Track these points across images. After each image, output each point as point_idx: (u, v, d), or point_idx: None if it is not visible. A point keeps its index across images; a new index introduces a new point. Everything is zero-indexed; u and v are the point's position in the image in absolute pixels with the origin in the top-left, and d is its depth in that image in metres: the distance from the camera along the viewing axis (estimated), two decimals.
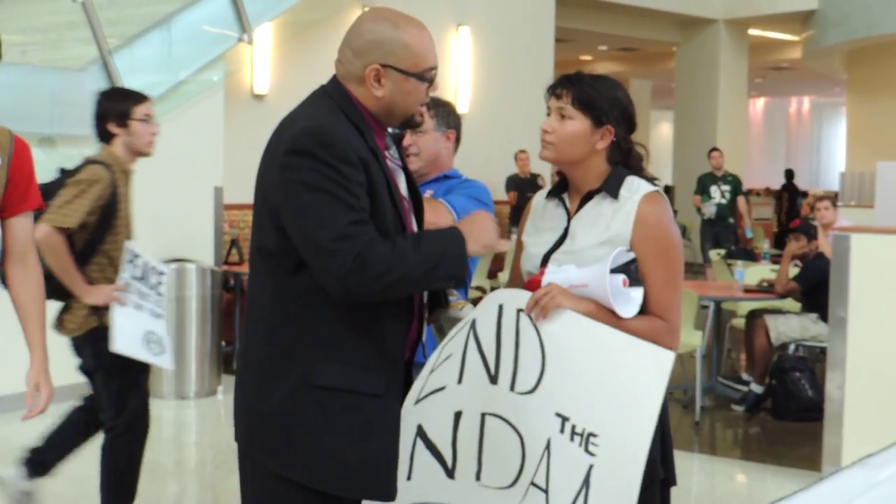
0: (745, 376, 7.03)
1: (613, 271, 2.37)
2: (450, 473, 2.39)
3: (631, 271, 2.40)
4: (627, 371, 2.27)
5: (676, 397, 6.94)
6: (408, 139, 3.21)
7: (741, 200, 12.28)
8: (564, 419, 2.28)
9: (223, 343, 7.20)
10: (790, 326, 6.78)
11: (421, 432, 2.41)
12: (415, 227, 2.49)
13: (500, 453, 2.36)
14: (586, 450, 2.25)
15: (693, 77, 16.80)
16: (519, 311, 2.38)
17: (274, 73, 9.24)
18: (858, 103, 17.69)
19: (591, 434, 2.25)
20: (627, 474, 2.23)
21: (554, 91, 2.58)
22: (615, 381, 2.27)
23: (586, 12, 15.01)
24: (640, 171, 2.61)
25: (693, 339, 6.46)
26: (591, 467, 2.24)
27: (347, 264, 2.19)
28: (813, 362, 7.14)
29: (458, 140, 3.38)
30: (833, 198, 8.89)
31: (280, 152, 2.30)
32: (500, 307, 2.40)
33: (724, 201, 12.15)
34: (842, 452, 5.03)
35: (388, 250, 2.22)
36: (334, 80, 2.43)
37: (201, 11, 7.53)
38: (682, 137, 17.13)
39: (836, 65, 17.88)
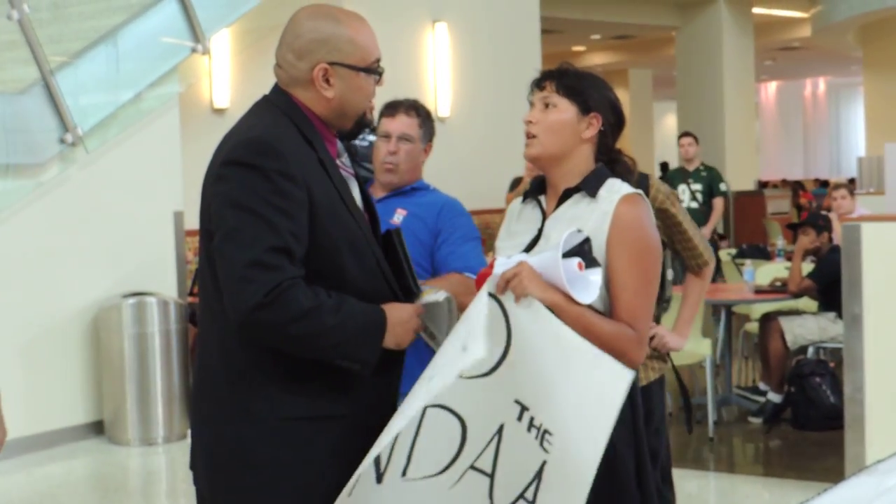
0: (761, 385, 7.05)
1: (567, 255, 2.39)
2: (379, 479, 2.42)
3: (584, 252, 2.43)
4: (586, 381, 2.31)
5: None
6: (392, 145, 3.31)
7: (718, 203, 10.27)
8: (524, 408, 2.33)
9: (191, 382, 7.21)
10: (807, 328, 6.81)
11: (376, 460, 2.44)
12: (375, 239, 2.53)
13: (434, 442, 2.40)
14: (541, 444, 2.31)
15: (696, 63, 16.87)
16: (489, 294, 2.42)
17: (234, 84, 9.27)
18: (876, 82, 17.78)
19: (546, 431, 2.30)
20: (575, 484, 2.28)
21: (538, 84, 2.63)
22: (574, 387, 2.31)
23: None
24: (629, 181, 2.64)
25: (702, 347, 6.49)
26: (544, 463, 2.30)
27: (258, 296, 2.22)
28: (835, 365, 7.17)
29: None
30: (850, 185, 8.92)
31: (217, 164, 2.35)
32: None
33: (695, 204, 10.13)
34: (866, 461, 5.05)
35: (308, 298, 2.26)
36: (276, 88, 2.48)
37: (150, 22, 7.56)
38: (688, 129, 17.14)
39: (850, 41, 17.96)
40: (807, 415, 6.60)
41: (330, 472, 2.37)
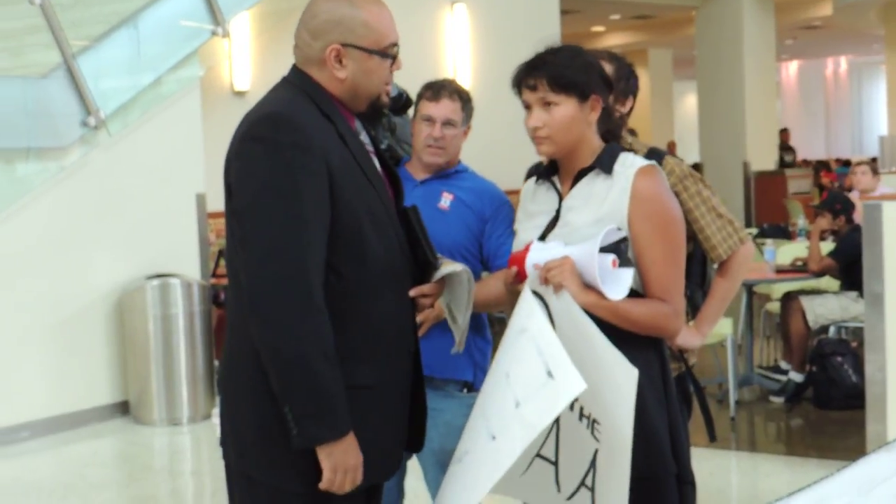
0: (783, 365, 7.05)
1: (603, 250, 2.42)
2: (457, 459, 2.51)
3: (621, 251, 2.46)
4: (609, 375, 2.33)
5: (710, 392, 6.97)
6: (438, 131, 3.31)
7: None
8: (574, 399, 2.35)
9: (216, 362, 7.28)
10: (828, 307, 6.80)
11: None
12: (395, 212, 2.56)
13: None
14: (592, 433, 2.34)
15: (716, 43, 16.77)
16: (533, 292, 2.45)
17: (255, 66, 9.31)
18: None
19: (595, 420, 2.34)
20: (620, 471, 2.31)
21: (526, 84, 2.62)
22: (605, 381, 2.33)
23: None
24: (617, 137, 2.67)
25: (723, 327, 6.49)
26: (596, 451, 2.33)
27: (278, 286, 2.28)
28: (857, 344, 7.16)
29: None
30: (872, 163, 8.88)
31: (237, 140, 2.39)
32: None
33: None
34: (887, 439, 5.05)
35: (328, 332, 2.31)
36: (294, 67, 2.52)
37: (171, 5, 7.59)
38: (708, 109, 17.11)
39: (872, 19, 17.85)
40: (828, 394, 6.60)
41: (360, 442, 2.39)
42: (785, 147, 18.45)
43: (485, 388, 2.51)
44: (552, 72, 2.57)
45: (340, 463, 2.34)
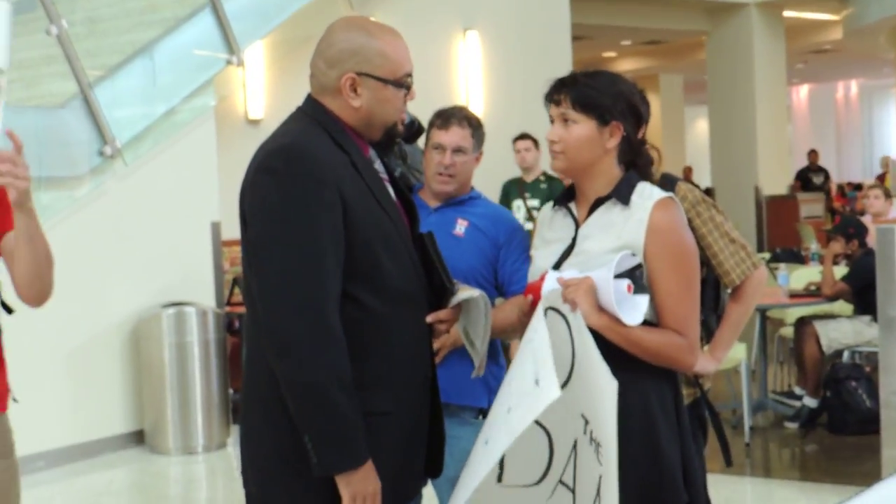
0: (797, 390, 7.03)
1: (618, 276, 2.43)
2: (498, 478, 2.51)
3: (636, 277, 2.47)
4: (602, 392, 2.34)
5: (725, 417, 6.95)
6: (448, 158, 3.33)
7: None
8: (587, 422, 2.36)
9: (231, 391, 7.28)
10: (842, 332, 6.79)
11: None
12: (411, 239, 2.58)
13: (526, 451, 2.45)
14: (597, 457, 2.35)
15: (727, 67, 16.80)
16: (547, 309, 2.47)
17: (268, 95, 9.35)
18: None
19: (598, 443, 2.34)
20: (613, 495, 2.31)
21: (552, 98, 2.65)
22: (601, 399, 2.34)
23: (605, 5, 15.08)
24: (647, 176, 2.67)
25: (737, 352, 6.48)
26: (600, 477, 2.32)
27: (290, 314, 2.30)
28: (870, 369, 7.13)
29: None
30: (884, 186, 8.88)
31: (251, 172, 2.41)
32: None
33: (530, 225, 7.89)
34: None
35: (345, 360, 2.33)
36: (309, 97, 2.54)
37: (186, 35, 7.66)
38: (720, 134, 17.12)
39: (882, 43, 17.84)
40: (843, 419, 6.58)
41: (377, 467, 2.40)
42: (815, 169, 18.38)
43: (496, 398, 2.57)
44: (578, 91, 2.61)
45: (360, 491, 2.35)
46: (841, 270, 7.16)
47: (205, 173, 7.62)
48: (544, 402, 2.30)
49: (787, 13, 17.05)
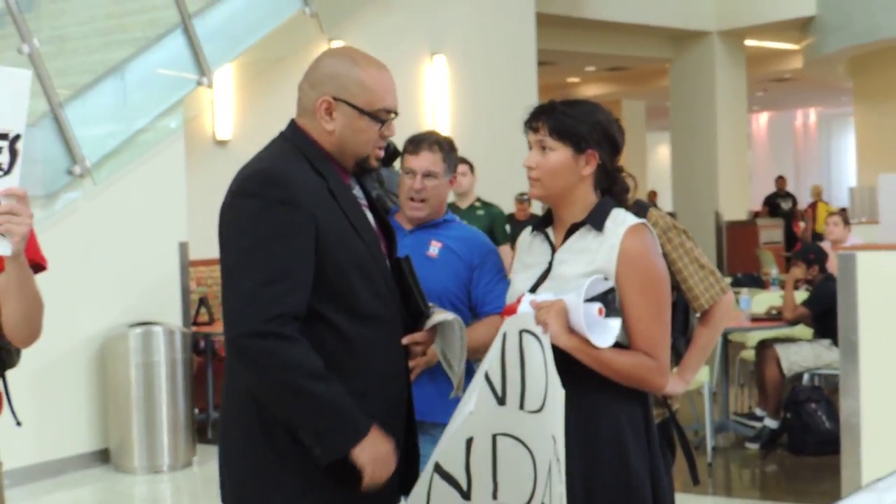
0: (758, 412, 7.14)
1: (591, 300, 2.50)
2: (465, 495, 2.58)
3: (609, 300, 2.53)
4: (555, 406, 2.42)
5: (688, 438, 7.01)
6: (418, 183, 3.39)
7: (503, 253, 6.61)
8: (555, 441, 2.41)
9: (196, 410, 7.28)
10: (802, 355, 6.90)
11: (437, 467, 2.60)
12: (387, 263, 2.62)
13: (514, 472, 2.52)
14: (560, 475, 2.40)
15: (689, 94, 17.03)
16: (522, 331, 2.52)
17: (237, 116, 9.38)
18: (867, 113, 17.94)
19: (557, 459, 2.39)
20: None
21: (530, 125, 2.72)
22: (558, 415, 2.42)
23: (570, 32, 15.24)
24: (622, 202, 2.74)
25: (700, 374, 6.56)
26: (562, 495, 2.38)
27: (252, 323, 2.35)
28: (830, 391, 7.25)
29: None
30: (843, 214, 9.03)
31: (228, 195, 2.48)
32: (504, 335, 2.56)
33: None
34: (862, 484, 5.12)
35: (307, 357, 2.37)
36: (292, 122, 2.60)
37: (156, 55, 7.68)
38: (681, 159, 17.33)
39: (841, 73, 18.14)
40: (803, 440, 6.68)
41: (353, 484, 2.45)
42: (783, 194, 18.58)
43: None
44: (555, 119, 2.67)
45: (372, 455, 2.42)
46: (801, 295, 7.28)
47: (173, 194, 7.63)
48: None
49: (749, 42, 17.30)
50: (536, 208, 11.68)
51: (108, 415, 6.99)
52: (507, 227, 8.23)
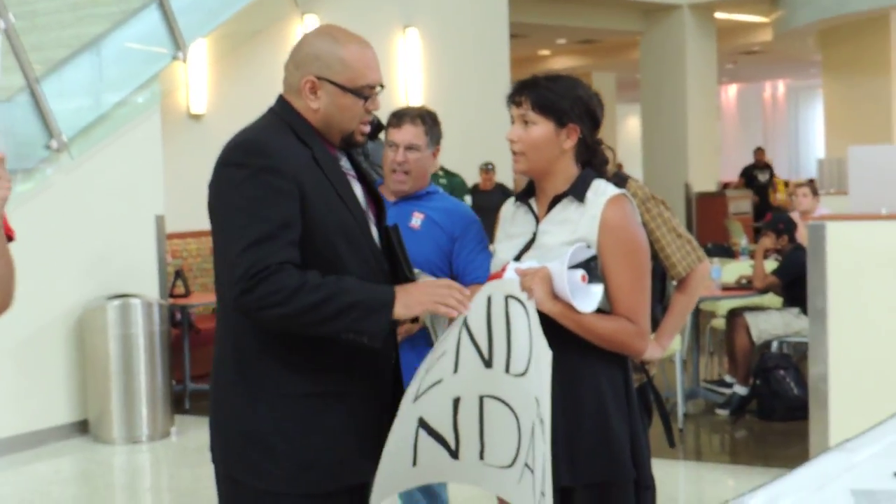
0: (728, 378, 7.28)
1: (574, 267, 2.59)
2: (454, 454, 2.65)
3: (591, 268, 2.63)
4: (540, 368, 2.52)
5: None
6: (401, 155, 3.47)
7: None
8: (538, 403, 2.51)
9: (173, 382, 7.35)
10: (772, 323, 7.04)
11: (422, 423, 2.65)
12: (376, 233, 2.69)
13: (500, 433, 2.60)
14: (543, 436, 2.50)
15: (659, 67, 17.12)
16: (507, 297, 2.60)
17: (211, 90, 9.40)
18: (835, 85, 18.10)
19: (541, 420, 2.49)
20: (548, 465, 2.49)
21: (513, 99, 2.80)
22: (545, 374, 2.53)
23: (541, 5, 15.29)
24: (603, 174, 2.83)
25: (672, 343, 6.68)
26: (544, 455, 2.49)
27: (244, 281, 2.40)
28: (798, 359, 7.40)
29: None
30: (812, 185, 9.17)
31: (215, 166, 2.56)
32: (489, 298, 2.62)
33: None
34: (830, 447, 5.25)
35: (293, 279, 2.41)
36: (280, 97, 2.67)
37: (132, 30, 7.70)
38: (651, 131, 17.44)
39: (810, 46, 18.29)
40: (771, 406, 6.84)
41: (338, 446, 2.54)
42: (761, 166, 18.53)
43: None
44: (538, 94, 2.76)
45: (409, 302, 2.49)
46: (771, 265, 7.41)
47: (150, 167, 7.67)
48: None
49: (719, 15, 17.41)
50: (501, 177, 11.79)
51: (87, 386, 7.05)
52: (469, 198, 8.23)
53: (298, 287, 2.41)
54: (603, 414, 2.70)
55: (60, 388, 7.04)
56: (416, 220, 3.50)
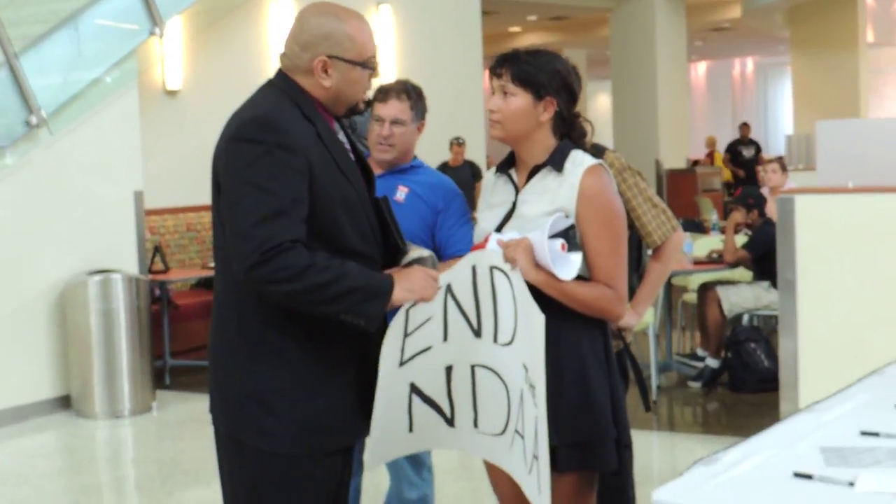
0: (699, 352, 7.43)
1: (553, 236, 2.72)
2: (450, 422, 2.78)
3: (570, 236, 2.76)
4: (536, 334, 2.63)
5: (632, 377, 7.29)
6: (386, 130, 3.58)
7: None
8: (526, 370, 2.63)
9: (153, 358, 7.42)
10: (743, 297, 7.19)
11: (415, 389, 2.77)
12: (370, 203, 2.81)
13: (491, 402, 2.73)
14: (534, 400, 2.61)
15: (629, 44, 17.23)
16: (492, 268, 2.72)
17: (187, 66, 9.43)
18: (803, 62, 18.28)
19: (532, 385, 2.61)
20: (543, 430, 2.59)
21: (494, 71, 2.93)
22: (534, 341, 2.64)
23: None
24: (581, 145, 2.96)
25: (645, 316, 6.82)
26: (536, 419, 2.60)
27: (256, 255, 2.49)
28: (768, 332, 7.57)
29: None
30: (781, 161, 9.33)
31: (225, 140, 2.64)
32: (473, 268, 2.74)
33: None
34: None
35: (302, 258, 2.52)
36: (280, 72, 2.77)
37: (109, 6, 7.73)
38: (622, 108, 17.57)
39: (778, 22, 18.44)
40: (742, 378, 7.00)
41: (338, 409, 2.66)
42: (746, 142, 18.43)
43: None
44: (518, 67, 2.88)
45: (410, 287, 2.66)
46: (741, 239, 7.57)
47: (128, 143, 7.72)
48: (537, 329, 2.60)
49: None
50: (470, 154, 11.90)
51: (68, 361, 7.13)
52: None
53: (308, 266, 2.51)
54: (584, 376, 2.83)
55: (42, 364, 7.11)
56: (401, 193, 3.61)
